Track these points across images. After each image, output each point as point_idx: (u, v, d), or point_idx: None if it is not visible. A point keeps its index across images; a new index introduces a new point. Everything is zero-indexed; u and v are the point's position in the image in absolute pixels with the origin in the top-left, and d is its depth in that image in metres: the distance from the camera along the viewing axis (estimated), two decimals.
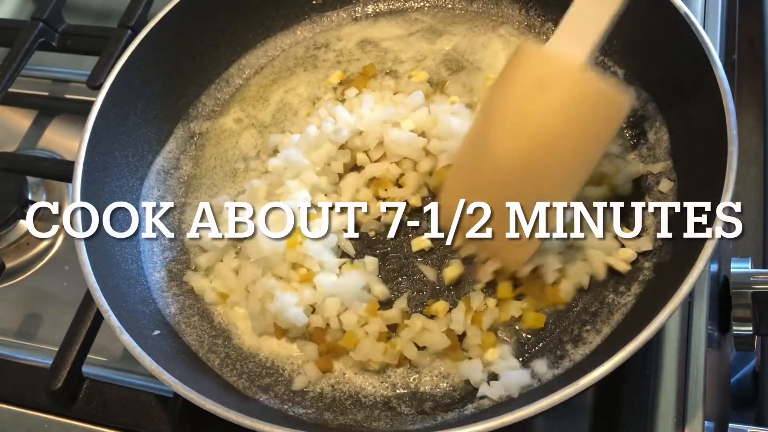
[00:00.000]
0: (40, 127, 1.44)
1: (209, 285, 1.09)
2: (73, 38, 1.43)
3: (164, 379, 0.88)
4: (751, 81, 1.33)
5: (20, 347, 1.19)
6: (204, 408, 0.85)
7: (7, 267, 1.23)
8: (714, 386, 0.98)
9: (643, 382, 0.95)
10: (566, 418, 0.95)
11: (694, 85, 1.01)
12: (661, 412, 0.93)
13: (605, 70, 1.18)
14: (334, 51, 1.31)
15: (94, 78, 1.28)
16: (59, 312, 1.13)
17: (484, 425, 0.80)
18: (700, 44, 0.99)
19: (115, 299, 0.97)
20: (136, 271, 1.10)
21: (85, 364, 1.05)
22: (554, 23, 1.23)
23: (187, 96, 1.27)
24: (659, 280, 0.97)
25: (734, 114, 0.92)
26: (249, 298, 1.05)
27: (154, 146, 1.22)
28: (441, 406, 0.96)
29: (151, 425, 1.01)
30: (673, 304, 0.83)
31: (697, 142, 1.02)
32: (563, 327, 0.99)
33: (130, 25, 1.35)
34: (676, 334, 0.98)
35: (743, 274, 1.05)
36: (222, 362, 1.03)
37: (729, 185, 0.88)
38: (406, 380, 0.99)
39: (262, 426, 0.83)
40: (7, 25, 1.49)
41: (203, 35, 1.26)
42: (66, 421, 1.03)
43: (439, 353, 0.99)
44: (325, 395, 0.99)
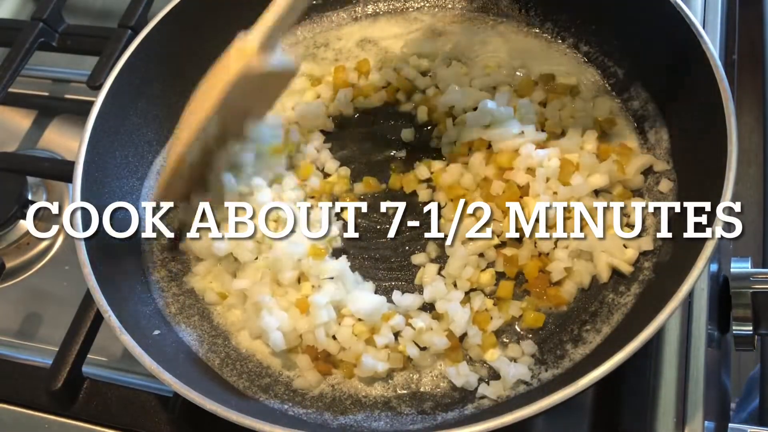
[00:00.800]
0: (40, 127, 1.44)
1: (209, 285, 1.09)
2: (73, 38, 1.43)
3: (164, 379, 0.88)
4: (751, 81, 1.33)
5: (20, 347, 1.19)
6: (204, 408, 0.85)
7: (7, 267, 1.23)
8: (714, 386, 0.98)
9: (643, 382, 0.95)
10: (566, 418, 0.95)
11: (694, 85, 1.01)
12: (661, 412, 0.93)
13: (605, 70, 1.18)
14: (333, 50, 1.31)
15: (94, 78, 1.28)
16: (59, 312, 1.13)
17: (484, 425, 0.80)
18: (700, 44, 0.99)
19: (115, 299, 0.97)
20: (136, 271, 1.10)
21: (85, 364, 1.05)
22: (553, 23, 1.24)
23: (187, 96, 1.27)
24: (659, 280, 0.97)
25: (734, 114, 0.92)
26: (246, 302, 1.05)
27: (154, 146, 1.22)
28: (441, 406, 0.96)
29: (151, 425, 1.01)
30: (673, 304, 0.83)
31: (697, 142, 1.02)
32: (563, 327, 0.99)
33: (130, 25, 1.35)
34: (676, 334, 0.98)
35: (743, 274, 1.05)
36: (222, 362, 1.03)
37: (729, 185, 0.88)
38: (407, 380, 0.99)
39: (262, 426, 0.83)
40: (7, 25, 1.49)
41: (203, 35, 1.25)
42: (66, 421, 1.03)
43: (440, 354, 0.99)
44: (325, 395, 0.99)
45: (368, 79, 1.25)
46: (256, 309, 1.01)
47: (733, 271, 1.06)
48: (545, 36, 1.25)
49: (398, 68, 1.25)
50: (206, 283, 1.09)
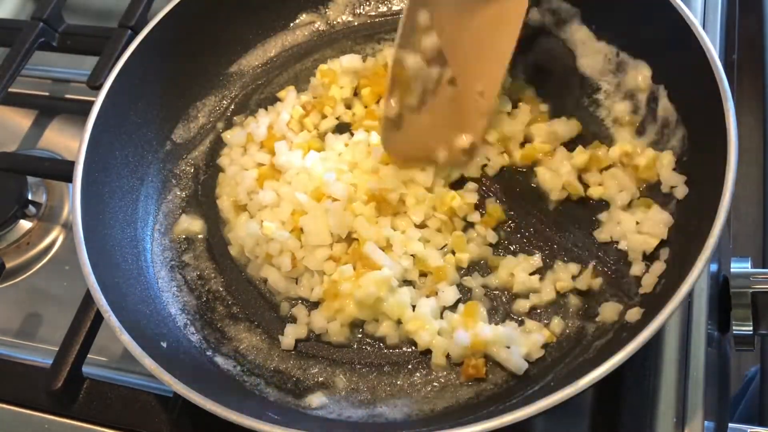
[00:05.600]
0: (40, 127, 1.43)
1: (227, 191, 1.16)
2: (73, 38, 1.42)
3: (164, 379, 0.88)
4: (751, 81, 1.33)
5: (20, 347, 1.18)
6: (204, 408, 0.85)
7: (7, 267, 1.23)
8: (714, 386, 0.98)
9: (643, 382, 0.95)
10: (566, 419, 0.95)
11: (694, 85, 1.01)
12: (661, 412, 0.93)
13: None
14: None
15: (94, 78, 1.28)
16: (59, 312, 1.13)
17: (484, 425, 0.80)
18: (700, 44, 0.98)
19: (115, 299, 0.97)
20: (136, 271, 1.10)
21: (85, 364, 1.05)
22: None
23: (187, 96, 1.27)
24: (659, 279, 0.97)
25: (734, 114, 0.92)
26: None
27: (154, 146, 1.22)
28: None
29: (151, 425, 1.00)
30: (673, 304, 0.83)
31: (697, 142, 1.02)
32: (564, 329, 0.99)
33: (130, 25, 1.35)
34: (676, 334, 0.98)
35: (743, 274, 1.05)
36: (224, 361, 1.03)
37: (729, 185, 0.88)
38: (408, 381, 0.99)
39: (262, 426, 0.83)
40: (7, 25, 1.49)
41: (203, 35, 1.25)
42: (66, 421, 1.03)
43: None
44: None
45: None
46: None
47: (733, 271, 1.06)
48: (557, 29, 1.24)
49: None
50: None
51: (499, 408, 0.91)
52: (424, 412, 0.96)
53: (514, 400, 0.92)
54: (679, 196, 1.02)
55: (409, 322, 1.00)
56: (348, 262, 1.04)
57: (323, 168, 1.11)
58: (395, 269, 1.03)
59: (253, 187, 1.15)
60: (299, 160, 1.13)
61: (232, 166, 1.20)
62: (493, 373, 0.97)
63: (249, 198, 1.15)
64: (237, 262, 1.13)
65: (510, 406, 0.83)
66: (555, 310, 1.01)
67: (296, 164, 1.13)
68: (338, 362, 1.02)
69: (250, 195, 1.15)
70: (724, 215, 0.87)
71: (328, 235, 1.06)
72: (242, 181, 1.15)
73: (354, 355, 1.03)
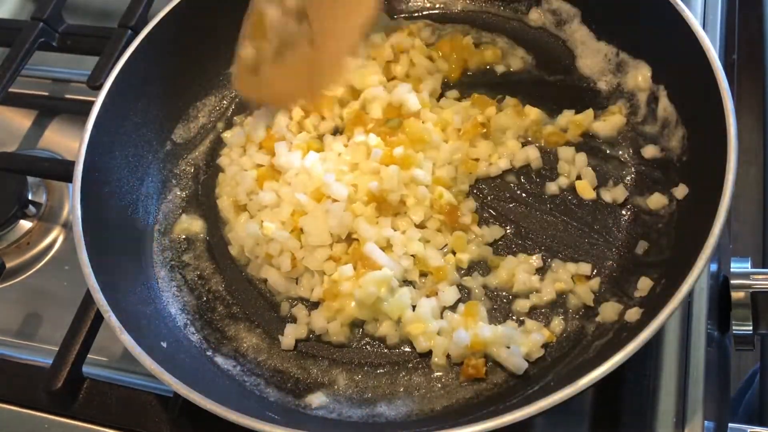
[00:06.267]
0: (40, 127, 1.43)
1: (227, 191, 1.17)
2: (73, 38, 1.42)
3: (164, 379, 0.88)
4: (751, 81, 1.33)
5: (20, 347, 1.18)
6: (204, 408, 0.85)
7: (7, 267, 1.23)
8: (714, 386, 0.98)
9: (643, 382, 0.95)
10: (566, 419, 0.95)
11: (694, 85, 1.01)
12: (661, 412, 0.93)
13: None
14: None
15: (94, 78, 1.28)
16: (59, 312, 1.13)
17: (484, 425, 0.80)
18: (700, 44, 0.98)
19: (115, 299, 0.97)
20: (136, 271, 1.10)
21: (85, 364, 1.05)
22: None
23: (187, 96, 1.27)
24: (659, 279, 0.97)
25: (734, 114, 0.92)
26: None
27: (154, 146, 1.22)
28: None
29: (151, 425, 1.01)
30: (673, 304, 0.83)
31: (697, 142, 1.02)
32: (564, 329, 0.99)
33: (130, 25, 1.35)
34: (676, 334, 0.98)
35: (743, 274, 1.05)
36: (224, 361, 1.03)
37: (729, 185, 0.88)
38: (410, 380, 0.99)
39: (262, 426, 0.83)
40: (7, 25, 1.49)
41: (203, 35, 1.25)
42: (66, 421, 1.03)
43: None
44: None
45: None
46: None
47: (733, 271, 1.06)
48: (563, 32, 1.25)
49: None
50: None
51: (499, 408, 0.91)
52: (424, 412, 0.96)
53: (513, 400, 0.92)
54: (679, 196, 1.02)
55: (409, 324, 1.00)
56: (348, 263, 1.04)
57: (323, 169, 1.11)
58: (395, 269, 1.03)
59: (253, 188, 1.15)
60: (299, 161, 1.13)
61: (232, 166, 1.20)
62: (492, 373, 0.97)
63: (249, 198, 1.15)
64: (237, 262, 1.13)
65: (510, 406, 0.83)
66: (555, 310, 1.01)
67: (296, 165, 1.13)
68: (338, 362, 1.02)
69: (250, 195, 1.15)
70: (724, 215, 0.87)
71: (328, 235, 1.06)
72: (242, 182, 1.15)
73: (354, 355, 1.03)
